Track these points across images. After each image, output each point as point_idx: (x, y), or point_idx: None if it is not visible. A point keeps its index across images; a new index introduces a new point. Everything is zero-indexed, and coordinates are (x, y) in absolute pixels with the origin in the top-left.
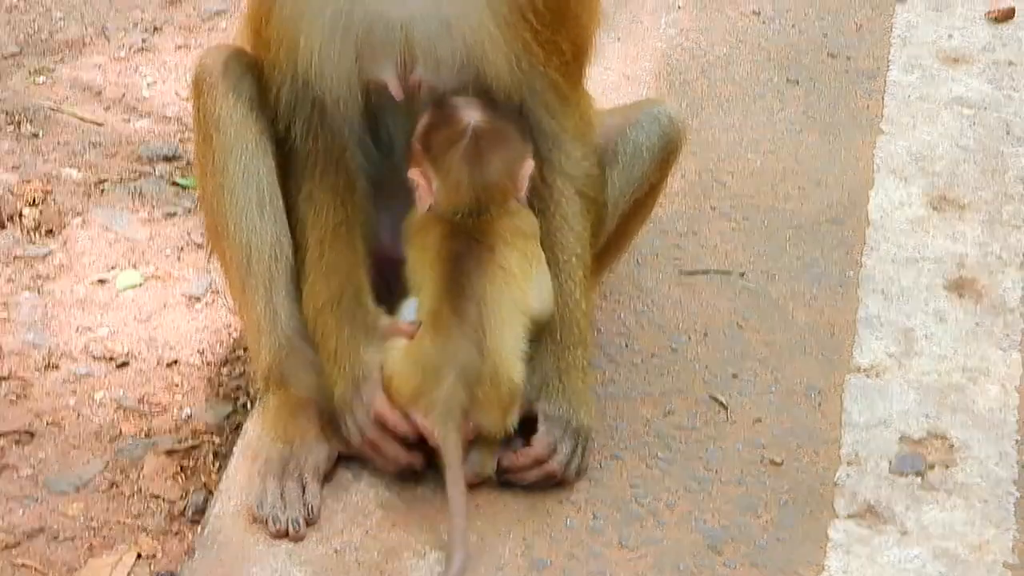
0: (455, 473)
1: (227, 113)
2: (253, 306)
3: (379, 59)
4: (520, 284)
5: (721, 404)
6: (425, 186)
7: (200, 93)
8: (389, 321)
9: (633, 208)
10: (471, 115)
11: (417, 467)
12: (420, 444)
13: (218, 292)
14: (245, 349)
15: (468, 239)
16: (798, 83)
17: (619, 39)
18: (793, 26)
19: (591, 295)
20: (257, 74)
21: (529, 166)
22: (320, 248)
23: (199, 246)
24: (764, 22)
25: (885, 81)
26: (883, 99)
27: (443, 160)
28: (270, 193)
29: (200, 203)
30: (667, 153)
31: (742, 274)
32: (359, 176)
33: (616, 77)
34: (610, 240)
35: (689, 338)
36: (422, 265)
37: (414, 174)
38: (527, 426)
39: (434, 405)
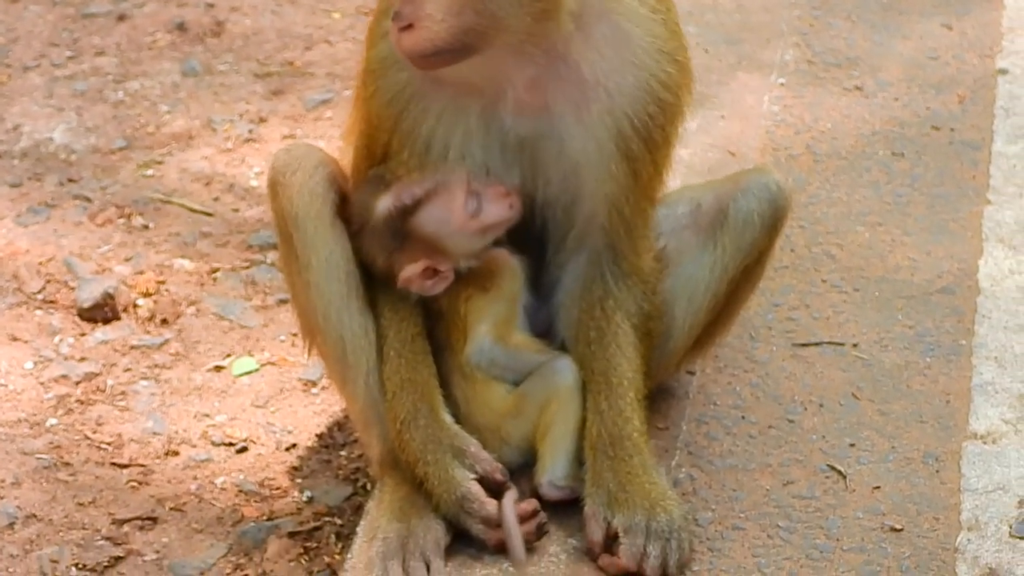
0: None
1: (304, 211)
2: (356, 398)
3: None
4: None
5: (839, 473)
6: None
7: (276, 194)
8: (474, 445)
9: (743, 275)
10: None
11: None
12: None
13: None
14: None
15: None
16: (903, 156)
17: (723, 117)
18: (896, 100)
19: (643, 411)
20: (330, 171)
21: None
22: (398, 361)
23: None
24: (867, 96)
25: (990, 152)
26: (988, 169)
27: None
28: (355, 285)
29: (292, 302)
30: (775, 220)
31: (855, 345)
32: None
33: (721, 154)
34: (720, 308)
35: (805, 409)
36: None
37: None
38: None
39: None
